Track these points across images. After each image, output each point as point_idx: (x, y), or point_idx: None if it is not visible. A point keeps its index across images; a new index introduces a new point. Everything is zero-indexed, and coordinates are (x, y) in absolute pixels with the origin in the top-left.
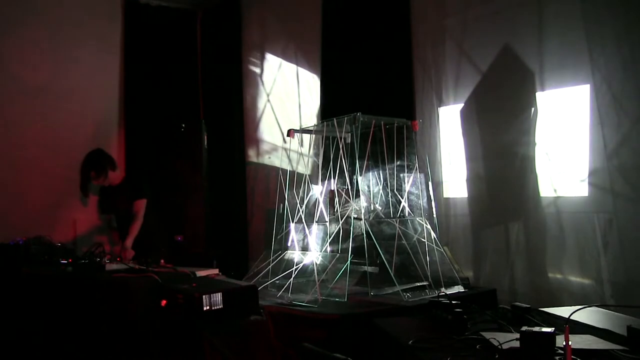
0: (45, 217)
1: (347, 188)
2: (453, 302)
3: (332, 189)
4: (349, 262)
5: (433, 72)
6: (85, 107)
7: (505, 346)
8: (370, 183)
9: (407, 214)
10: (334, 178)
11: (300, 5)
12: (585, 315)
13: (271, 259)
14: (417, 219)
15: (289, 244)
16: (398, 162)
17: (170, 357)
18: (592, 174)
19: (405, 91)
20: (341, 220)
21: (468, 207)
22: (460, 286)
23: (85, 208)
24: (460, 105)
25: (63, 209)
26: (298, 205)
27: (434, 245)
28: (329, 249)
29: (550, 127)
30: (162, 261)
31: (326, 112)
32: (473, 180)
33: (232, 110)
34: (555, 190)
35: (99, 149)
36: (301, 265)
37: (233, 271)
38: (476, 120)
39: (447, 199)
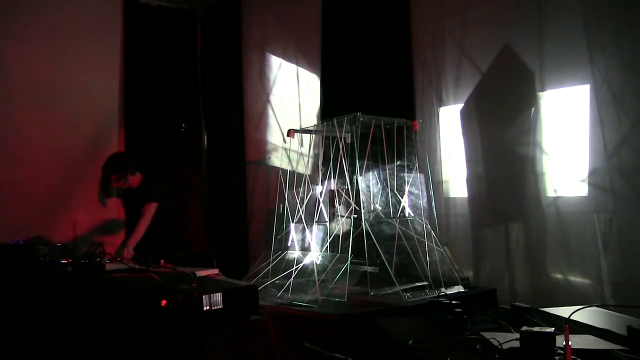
0: (45, 217)
1: (347, 188)
2: (453, 302)
3: (332, 189)
4: (349, 262)
5: (433, 72)
6: (85, 107)
7: (505, 346)
8: (370, 183)
9: (407, 214)
10: (334, 178)
11: (300, 6)
12: (585, 315)
13: (271, 259)
14: (417, 219)
15: (289, 244)
16: (398, 162)
17: (170, 357)
18: (592, 174)
19: (405, 91)
20: (341, 220)
21: (468, 207)
22: (460, 286)
23: (86, 208)
24: (460, 105)
25: (63, 209)
26: (298, 205)
27: (434, 245)
28: (329, 249)
29: (550, 127)
30: (162, 261)
31: (326, 112)
32: (473, 180)
33: (232, 110)
34: (555, 190)
35: (122, 152)
36: (301, 265)
37: (233, 271)
38: (476, 120)
39: (447, 199)
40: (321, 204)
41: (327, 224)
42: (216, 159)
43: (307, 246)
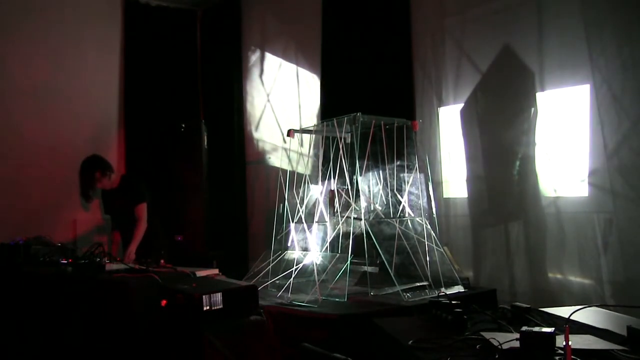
0: (45, 217)
1: (347, 188)
2: (453, 302)
3: (332, 189)
4: (349, 262)
5: (433, 72)
6: (85, 107)
7: (505, 346)
8: (370, 183)
9: (407, 214)
10: (334, 178)
11: (300, 5)
12: (585, 315)
13: (271, 259)
14: (417, 219)
15: (289, 244)
16: (398, 162)
17: (170, 357)
18: (592, 174)
19: (405, 91)
20: (341, 220)
21: (468, 207)
22: (460, 286)
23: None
24: (460, 105)
25: (63, 209)
26: (298, 205)
27: (434, 245)
28: (329, 249)
29: (550, 127)
30: (162, 261)
31: (326, 112)
32: (473, 180)
33: (232, 110)
34: (555, 190)
35: (96, 154)
36: (301, 265)
37: (233, 271)
38: (476, 120)
39: (447, 199)
40: (321, 204)
41: (327, 224)
42: (216, 159)
43: (307, 246)
